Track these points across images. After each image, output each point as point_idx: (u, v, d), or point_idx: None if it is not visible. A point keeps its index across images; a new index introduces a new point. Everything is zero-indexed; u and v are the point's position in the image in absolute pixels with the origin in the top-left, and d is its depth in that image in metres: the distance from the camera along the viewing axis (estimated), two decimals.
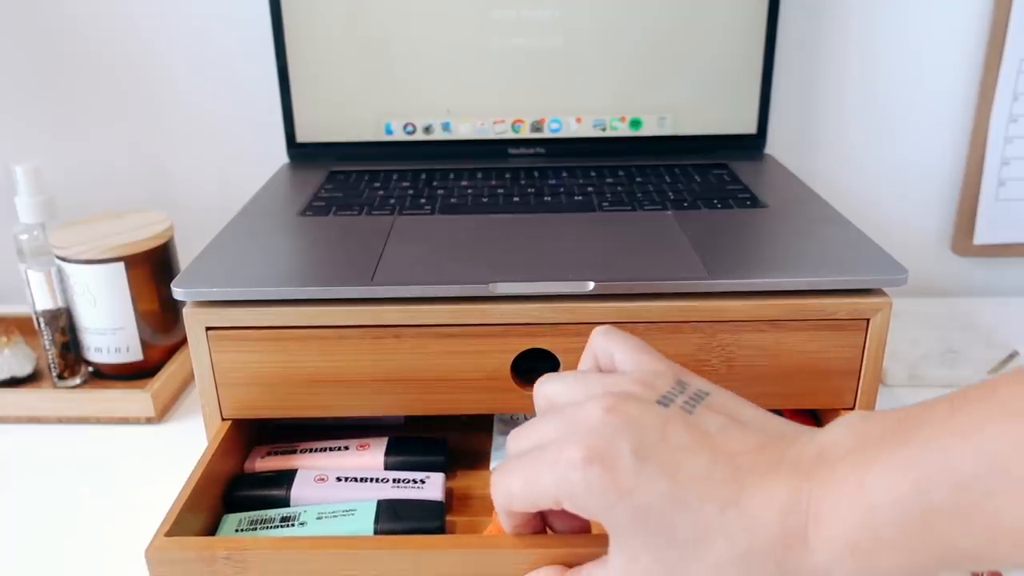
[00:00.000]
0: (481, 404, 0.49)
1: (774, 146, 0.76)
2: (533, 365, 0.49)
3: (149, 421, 0.61)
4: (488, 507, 0.48)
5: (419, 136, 0.72)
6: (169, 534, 0.39)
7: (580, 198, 0.60)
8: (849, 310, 0.46)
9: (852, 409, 0.49)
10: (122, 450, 0.58)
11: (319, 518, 0.45)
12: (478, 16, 0.68)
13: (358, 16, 0.68)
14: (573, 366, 0.47)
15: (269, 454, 0.52)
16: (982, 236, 0.78)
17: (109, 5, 0.74)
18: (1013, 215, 0.77)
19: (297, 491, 0.48)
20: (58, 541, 0.49)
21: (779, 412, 0.54)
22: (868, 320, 0.46)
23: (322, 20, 0.68)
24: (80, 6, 0.74)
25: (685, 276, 0.46)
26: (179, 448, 0.57)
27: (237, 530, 0.45)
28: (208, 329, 0.47)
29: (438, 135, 0.72)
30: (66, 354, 0.62)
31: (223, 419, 0.49)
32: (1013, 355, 0.65)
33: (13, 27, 0.75)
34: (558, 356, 0.47)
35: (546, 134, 0.72)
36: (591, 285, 0.46)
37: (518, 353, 0.47)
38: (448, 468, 0.52)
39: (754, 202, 0.59)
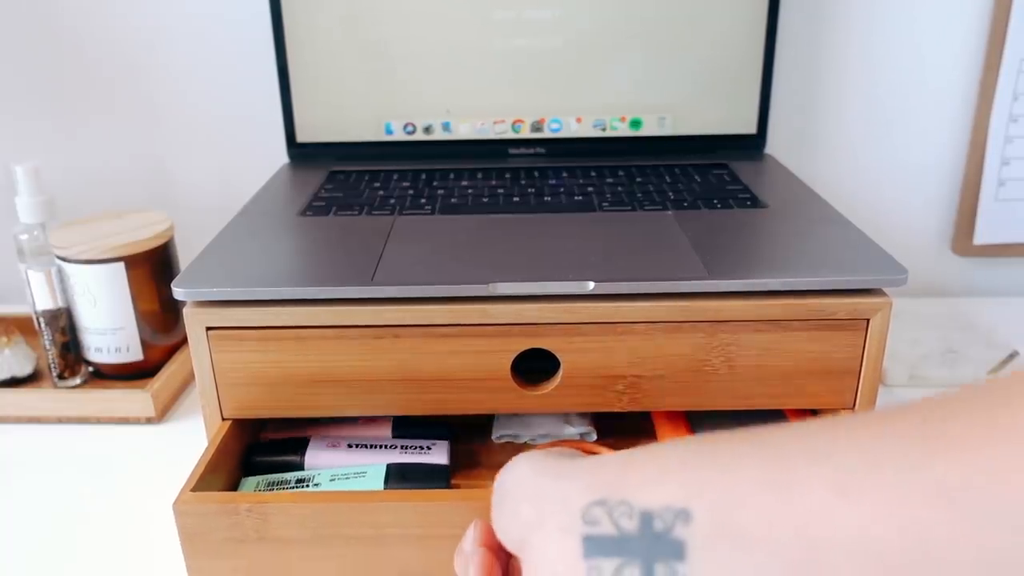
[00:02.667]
0: (481, 404, 0.49)
1: (774, 146, 0.75)
2: (533, 365, 0.49)
3: (149, 421, 0.61)
4: (491, 474, 0.48)
5: (419, 136, 0.72)
6: (195, 490, 0.42)
7: (580, 198, 0.60)
8: (849, 310, 0.46)
9: (852, 409, 0.49)
10: (122, 450, 0.58)
11: (332, 480, 0.48)
12: (478, 16, 0.68)
13: (358, 16, 0.68)
14: (573, 366, 0.48)
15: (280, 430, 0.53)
16: (982, 236, 0.78)
17: (110, 5, 0.74)
18: (1013, 215, 0.77)
19: (311, 457, 0.50)
20: (58, 541, 0.49)
21: (779, 412, 0.55)
22: (868, 320, 0.46)
23: (322, 20, 0.68)
24: (81, 6, 0.74)
25: (685, 276, 0.46)
26: (179, 448, 0.57)
27: (255, 491, 0.47)
28: (208, 329, 0.47)
29: (438, 135, 0.72)
30: (66, 354, 0.62)
31: (223, 419, 0.49)
32: (1013, 355, 0.65)
33: (14, 27, 0.75)
34: (558, 356, 0.47)
35: (546, 134, 0.72)
36: (591, 285, 0.46)
37: (518, 353, 0.47)
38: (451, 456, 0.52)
39: (754, 202, 0.59)
